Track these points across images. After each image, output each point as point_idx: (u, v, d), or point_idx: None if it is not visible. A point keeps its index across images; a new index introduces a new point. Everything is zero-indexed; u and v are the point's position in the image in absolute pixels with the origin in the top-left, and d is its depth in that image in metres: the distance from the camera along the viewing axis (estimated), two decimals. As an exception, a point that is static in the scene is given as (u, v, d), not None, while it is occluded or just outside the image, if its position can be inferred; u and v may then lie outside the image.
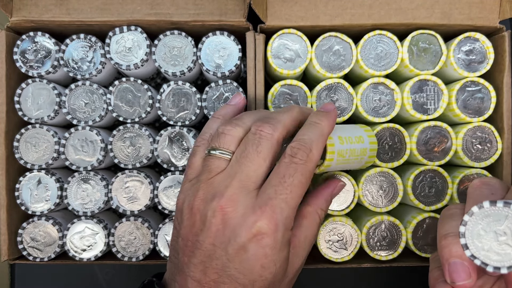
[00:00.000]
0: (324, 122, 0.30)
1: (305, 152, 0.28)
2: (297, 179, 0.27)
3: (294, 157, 0.28)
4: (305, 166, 0.28)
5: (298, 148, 0.28)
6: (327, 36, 0.39)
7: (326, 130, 0.30)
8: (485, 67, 0.39)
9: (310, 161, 0.28)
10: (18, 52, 0.40)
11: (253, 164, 0.28)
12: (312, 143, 0.28)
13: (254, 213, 0.26)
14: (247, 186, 0.28)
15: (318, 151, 0.29)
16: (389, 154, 0.39)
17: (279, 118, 0.30)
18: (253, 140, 0.28)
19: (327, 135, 0.30)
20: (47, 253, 0.41)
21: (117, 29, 0.40)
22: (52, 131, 0.40)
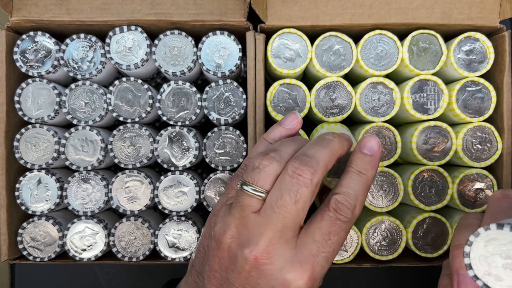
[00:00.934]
0: (371, 173, 0.28)
1: (350, 209, 0.27)
2: (342, 237, 0.27)
3: (339, 213, 0.26)
4: (349, 224, 0.27)
5: (343, 204, 0.26)
6: (327, 35, 0.39)
7: (372, 181, 0.29)
8: (485, 67, 0.39)
9: (354, 218, 0.27)
10: (18, 52, 0.40)
11: (291, 215, 0.26)
12: (357, 199, 0.27)
13: (294, 269, 0.26)
14: (284, 236, 0.26)
15: (361, 207, 0.27)
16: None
17: (319, 157, 0.27)
18: (291, 185, 0.26)
19: (371, 185, 0.29)
20: (47, 253, 0.41)
21: (117, 29, 0.40)
22: (52, 131, 0.40)
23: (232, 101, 0.40)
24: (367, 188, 0.28)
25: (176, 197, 0.40)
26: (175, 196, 0.40)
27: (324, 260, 0.26)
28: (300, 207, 0.26)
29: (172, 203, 0.40)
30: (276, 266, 0.26)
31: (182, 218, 0.41)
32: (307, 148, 0.28)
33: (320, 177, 0.27)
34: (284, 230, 0.26)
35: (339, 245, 0.27)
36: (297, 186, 0.26)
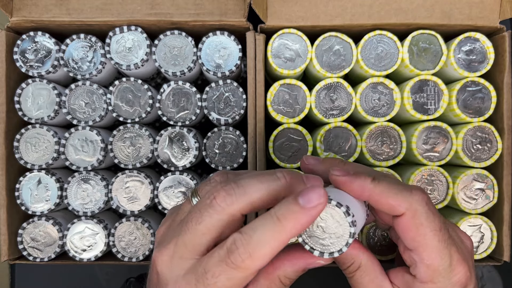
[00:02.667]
0: (290, 226, 0.22)
1: (241, 257, 0.22)
2: (221, 281, 0.23)
3: (229, 255, 0.23)
4: (235, 271, 0.23)
5: (237, 247, 0.22)
6: (327, 36, 0.39)
7: (289, 237, 0.23)
8: (486, 67, 0.39)
9: (244, 268, 0.22)
10: (18, 52, 0.40)
11: (190, 234, 0.24)
12: (256, 247, 0.22)
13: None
14: (180, 253, 0.25)
15: (260, 259, 0.22)
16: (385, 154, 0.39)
17: (248, 190, 0.24)
18: (201, 205, 0.24)
19: (286, 242, 0.23)
20: (47, 253, 0.41)
21: (117, 29, 0.40)
22: (52, 131, 0.40)
23: (232, 101, 0.40)
24: (279, 241, 0.22)
25: (176, 198, 0.40)
26: (175, 196, 0.40)
27: None
28: (200, 230, 0.24)
29: (172, 203, 0.40)
30: (164, 279, 0.25)
31: (182, 218, 0.41)
32: (248, 175, 0.26)
33: (239, 209, 0.24)
34: (182, 246, 0.25)
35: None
36: (207, 207, 0.24)
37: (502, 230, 0.39)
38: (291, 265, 0.25)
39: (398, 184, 0.25)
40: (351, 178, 0.25)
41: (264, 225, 0.23)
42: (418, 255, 0.25)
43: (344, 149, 0.39)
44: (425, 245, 0.25)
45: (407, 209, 0.25)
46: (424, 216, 0.25)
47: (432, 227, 0.25)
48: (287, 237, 0.23)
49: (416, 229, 0.25)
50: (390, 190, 0.25)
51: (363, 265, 0.27)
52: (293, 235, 0.23)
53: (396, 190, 0.25)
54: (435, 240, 0.25)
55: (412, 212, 0.25)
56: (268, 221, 0.23)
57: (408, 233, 0.25)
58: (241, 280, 0.23)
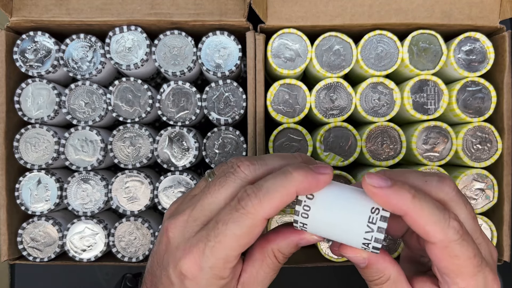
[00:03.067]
0: (298, 176, 0.24)
1: (251, 201, 0.23)
2: (230, 229, 0.24)
3: (238, 203, 0.24)
4: (244, 216, 0.23)
5: (247, 194, 0.24)
6: (327, 35, 0.39)
7: (294, 187, 0.24)
8: (486, 67, 0.39)
9: (253, 213, 0.23)
10: (18, 52, 0.40)
11: (211, 196, 0.25)
12: (266, 193, 0.24)
13: (184, 249, 0.25)
14: (196, 217, 0.25)
15: (270, 205, 0.23)
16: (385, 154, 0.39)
17: (268, 160, 0.26)
18: (226, 171, 0.26)
19: (293, 193, 0.24)
20: (47, 253, 0.41)
21: (117, 29, 0.40)
22: (52, 131, 0.40)
23: (232, 101, 0.40)
24: (286, 190, 0.24)
25: (176, 197, 0.40)
26: (175, 196, 0.40)
27: (209, 250, 0.24)
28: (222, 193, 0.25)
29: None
30: (176, 243, 0.25)
31: (182, 218, 0.40)
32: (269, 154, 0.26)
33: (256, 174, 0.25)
34: (200, 210, 0.25)
35: (229, 238, 0.24)
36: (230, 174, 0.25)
37: (502, 230, 0.39)
38: (284, 238, 0.26)
39: (437, 209, 0.24)
40: (388, 192, 0.24)
41: (275, 176, 0.24)
42: (451, 279, 0.25)
43: (344, 149, 0.39)
44: (459, 273, 0.25)
45: (441, 240, 0.24)
46: (458, 247, 0.24)
47: (467, 256, 0.24)
48: (295, 189, 0.24)
49: (450, 259, 0.24)
50: (429, 216, 0.24)
51: (392, 278, 0.26)
52: (299, 190, 0.24)
53: (435, 217, 0.24)
54: (470, 267, 0.24)
55: (446, 243, 0.24)
56: (279, 173, 0.24)
57: (441, 262, 0.25)
58: (250, 228, 0.24)
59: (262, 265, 0.26)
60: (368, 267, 0.26)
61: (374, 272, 0.26)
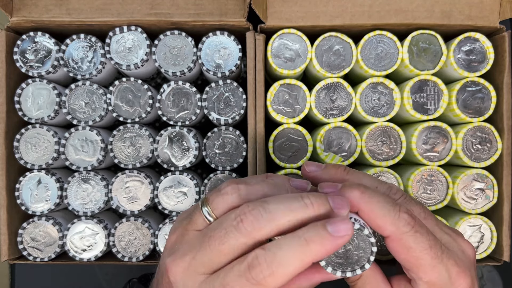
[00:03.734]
0: (317, 248, 0.23)
1: (263, 273, 0.22)
2: None
3: (250, 270, 0.23)
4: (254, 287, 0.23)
5: (259, 263, 0.22)
6: (327, 36, 0.39)
7: (312, 258, 0.23)
8: (485, 67, 0.39)
9: (264, 286, 0.22)
10: (18, 52, 0.40)
11: (211, 252, 0.24)
12: (280, 265, 0.22)
13: None
14: (196, 268, 0.25)
15: (283, 278, 0.22)
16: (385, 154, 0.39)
17: (275, 217, 0.24)
18: (228, 226, 0.24)
19: (309, 264, 0.23)
20: (47, 253, 0.41)
21: (117, 29, 0.40)
22: (52, 131, 0.40)
23: (232, 101, 0.40)
24: (303, 263, 0.23)
25: (176, 197, 0.40)
26: (175, 196, 0.40)
27: None
28: (223, 250, 0.24)
29: (172, 203, 0.40)
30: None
31: (182, 218, 0.41)
32: (275, 200, 0.25)
33: (265, 233, 0.24)
34: (200, 261, 0.25)
35: None
36: (232, 229, 0.24)
37: (502, 230, 0.39)
38: (307, 279, 0.26)
39: (386, 203, 0.25)
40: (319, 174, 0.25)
41: (290, 245, 0.23)
42: (415, 274, 0.26)
43: (344, 149, 0.39)
44: (418, 265, 0.25)
45: (393, 232, 0.25)
46: (412, 238, 0.25)
47: (422, 248, 0.25)
48: (311, 260, 0.23)
49: (406, 251, 0.25)
50: (379, 210, 0.25)
51: (365, 274, 0.26)
52: (317, 259, 0.23)
53: (384, 210, 0.25)
54: (427, 259, 0.25)
55: (399, 235, 0.25)
56: (295, 241, 0.23)
57: (399, 255, 0.25)
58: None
59: None
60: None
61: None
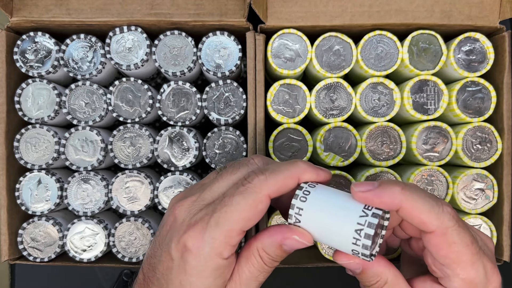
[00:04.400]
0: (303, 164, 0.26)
1: (257, 177, 0.25)
2: (236, 201, 0.24)
3: (245, 179, 0.25)
4: (250, 190, 0.25)
5: (254, 172, 0.25)
6: (327, 36, 0.39)
7: (298, 171, 0.26)
8: (485, 67, 0.39)
9: (258, 188, 0.25)
10: (18, 52, 0.40)
11: (222, 181, 0.27)
12: (272, 173, 0.25)
13: (189, 224, 0.25)
14: (204, 198, 0.26)
15: (274, 183, 0.25)
16: (385, 154, 0.39)
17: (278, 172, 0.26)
18: (240, 163, 0.27)
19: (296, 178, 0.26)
20: (47, 253, 0.41)
21: (117, 29, 0.40)
22: (52, 131, 0.40)
23: (232, 101, 0.40)
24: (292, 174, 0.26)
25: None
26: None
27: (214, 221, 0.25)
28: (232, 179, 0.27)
29: (172, 203, 0.40)
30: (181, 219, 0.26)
31: (182, 218, 0.40)
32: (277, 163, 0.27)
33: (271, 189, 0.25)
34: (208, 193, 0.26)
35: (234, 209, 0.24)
36: (242, 165, 0.27)
37: (502, 230, 0.39)
38: (269, 236, 0.26)
39: (429, 198, 0.25)
40: (378, 191, 0.24)
41: (281, 163, 0.26)
42: (452, 270, 0.25)
43: (344, 149, 0.39)
44: (459, 261, 0.25)
45: (438, 227, 0.24)
46: (456, 233, 0.24)
47: (465, 243, 0.24)
48: (298, 174, 0.25)
49: (448, 247, 0.24)
50: (422, 205, 0.24)
51: (390, 281, 0.26)
52: (302, 176, 0.26)
53: (428, 205, 0.24)
54: (468, 254, 0.24)
55: (444, 230, 0.24)
56: (286, 162, 0.26)
57: (440, 251, 0.25)
58: (254, 202, 0.24)
59: (247, 263, 0.26)
60: (364, 272, 0.26)
61: (370, 276, 0.26)
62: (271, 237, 0.26)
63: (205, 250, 0.24)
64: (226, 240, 0.24)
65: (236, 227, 0.24)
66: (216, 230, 0.24)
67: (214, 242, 0.24)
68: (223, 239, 0.24)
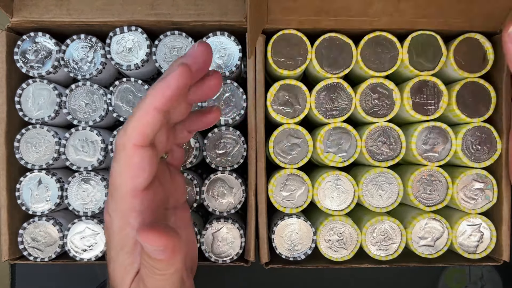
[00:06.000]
0: (152, 91, 0.25)
1: (119, 134, 0.25)
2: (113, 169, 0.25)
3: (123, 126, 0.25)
4: (117, 153, 0.25)
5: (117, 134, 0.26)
6: (327, 36, 0.39)
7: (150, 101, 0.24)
8: (485, 68, 0.39)
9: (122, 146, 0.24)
10: (18, 52, 0.40)
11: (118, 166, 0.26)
12: (128, 122, 0.24)
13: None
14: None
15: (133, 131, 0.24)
16: (385, 154, 0.40)
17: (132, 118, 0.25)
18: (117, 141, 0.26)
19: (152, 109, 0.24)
20: (48, 253, 0.41)
21: (118, 29, 0.40)
22: (53, 131, 0.40)
23: (232, 102, 0.40)
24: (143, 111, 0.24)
25: (176, 198, 0.40)
26: (176, 196, 0.40)
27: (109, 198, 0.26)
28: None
29: (172, 203, 0.40)
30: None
31: (183, 218, 0.41)
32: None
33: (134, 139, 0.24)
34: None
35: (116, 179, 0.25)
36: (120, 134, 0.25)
37: (502, 230, 0.39)
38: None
39: None
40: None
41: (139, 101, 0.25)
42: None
43: (344, 149, 0.40)
44: None
45: None
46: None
47: None
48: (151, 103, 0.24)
49: None
50: None
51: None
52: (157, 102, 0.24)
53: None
54: None
55: None
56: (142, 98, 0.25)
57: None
58: (125, 159, 0.24)
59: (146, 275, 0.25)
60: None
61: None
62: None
63: (114, 224, 0.25)
64: (124, 208, 0.25)
65: (125, 193, 0.24)
66: (112, 202, 0.25)
67: (117, 214, 0.25)
68: (122, 208, 0.25)
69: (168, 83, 0.24)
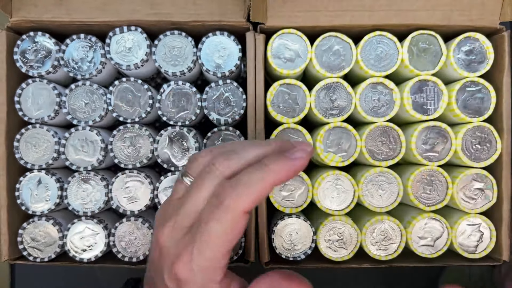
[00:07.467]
0: (275, 167, 0.24)
1: (230, 196, 0.23)
2: (212, 227, 0.24)
3: (217, 199, 0.24)
4: (224, 212, 0.23)
5: (224, 189, 0.24)
6: (327, 36, 0.39)
7: (271, 179, 0.24)
8: (485, 67, 0.39)
9: (233, 208, 0.23)
10: (18, 52, 0.40)
11: (192, 200, 0.25)
12: (244, 187, 0.23)
13: (174, 254, 0.25)
14: (181, 222, 0.26)
15: (248, 199, 0.23)
16: (385, 154, 0.40)
17: (243, 154, 0.25)
18: (202, 173, 0.26)
19: (271, 186, 0.24)
20: (47, 253, 0.41)
21: (117, 29, 0.40)
22: (52, 131, 0.40)
23: (232, 101, 0.40)
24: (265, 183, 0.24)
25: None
26: (175, 196, 0.40)
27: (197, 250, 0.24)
28: (201, 196, 0.25)
29: (172, 203, 0.40)
30: (166, 249, 0.26)
31: (182, 218, 0.41)
32: (242, 143, 0.27)
33: (237, 169, 0.25)
34: (183, 215, 0.26)
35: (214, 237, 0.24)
36: (206, 175, 0.25)
37: (501, 230, 0.39)
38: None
39: None
40: None
41: (251, 171, 0.24)
42: None
43: (344, 149, 0.39)
44: None
45: None
46: None
47: None
48: (273, 181, 0.24)
49: None
50: None
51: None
52: (277, 181, 0.24)
53: None
54: None
55: None
56: (255, 167, 0.24)
57: None
58: (231, 223, 0.24)
59: None
60: None
61: None
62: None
63: (198, 279, 0.24)
64: (213, 265, 0.24)
65: (220, 250, 0.24)
66: (201, 259, 0.24)
67: (203, 271, 0.24)
68: (210, 265, 0.24)
69: (295, 167, 0.24)
